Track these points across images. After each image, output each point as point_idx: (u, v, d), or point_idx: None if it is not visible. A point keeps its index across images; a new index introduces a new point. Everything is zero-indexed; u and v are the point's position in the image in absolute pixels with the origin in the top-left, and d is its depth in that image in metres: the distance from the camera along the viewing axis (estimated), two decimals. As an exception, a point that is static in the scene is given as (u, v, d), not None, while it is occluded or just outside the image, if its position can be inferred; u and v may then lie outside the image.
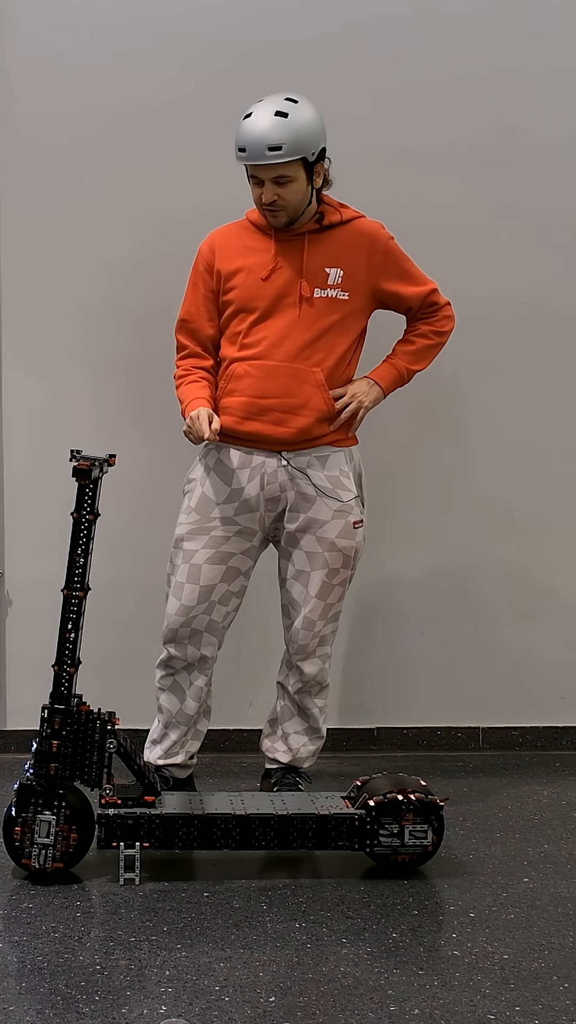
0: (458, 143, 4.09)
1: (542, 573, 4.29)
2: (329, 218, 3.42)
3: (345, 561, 3.51)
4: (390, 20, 4.02)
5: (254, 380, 3.40)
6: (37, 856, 3.07)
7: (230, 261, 3.44)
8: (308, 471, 3.45)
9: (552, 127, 4.12)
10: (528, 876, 3.21)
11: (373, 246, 3.44)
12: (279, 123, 3.24)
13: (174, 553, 3.50)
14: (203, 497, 3.46)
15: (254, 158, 3.27)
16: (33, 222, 4.01)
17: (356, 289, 3.43)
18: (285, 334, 3.39)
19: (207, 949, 2.76)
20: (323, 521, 3.46)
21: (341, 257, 3.42)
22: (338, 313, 3.42)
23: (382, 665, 4.26)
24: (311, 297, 3.39)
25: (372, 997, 2.56)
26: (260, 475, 3.44)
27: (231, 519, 3.45)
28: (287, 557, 3.53)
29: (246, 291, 3.41)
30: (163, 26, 3.98)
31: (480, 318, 4.11)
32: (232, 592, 3.50)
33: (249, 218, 3.49)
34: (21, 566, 4.11)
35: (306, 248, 3.41)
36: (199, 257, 3.51)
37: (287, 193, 3.31)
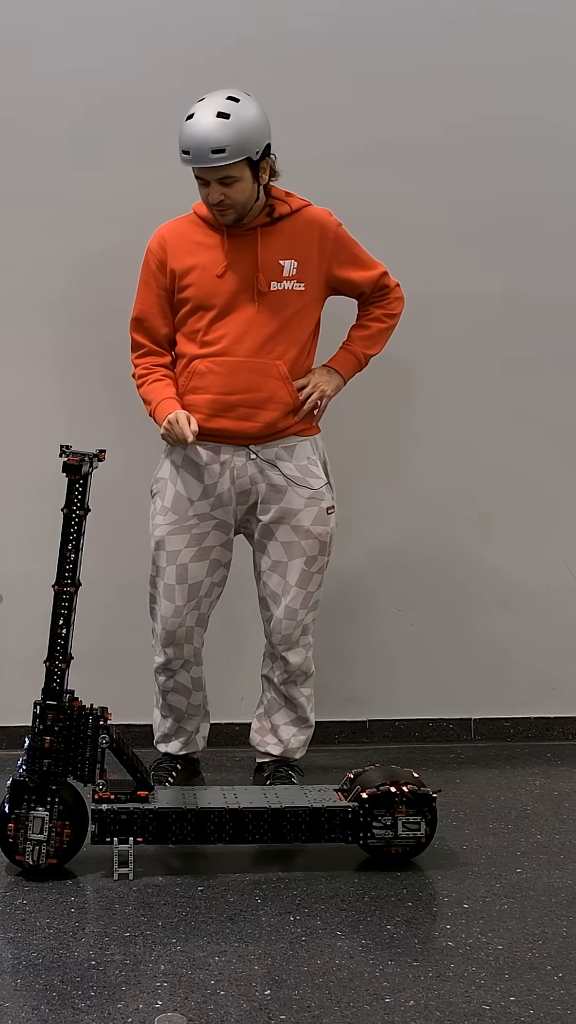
0: (438, 135, 4.09)
1: (532, 565, 4.30)
2: (279, 210, 3.44)
3: (322, 548, 3.53)
4: (371, 14, 4.02)
5: (219, 377, 3.41)
6: (31, 852, 3.07)
7: (182, 259, 3.44)
8: (277, 462, 3.47)
9: (524, 120, 4.12)
10: (521, 866, 3.22)
11: (324, 234, 3.47)
12: (221, 125, 3.24)
13: (157, 555, 3.51)
14: (177, 496, 3.47)
15: (198, 161, 3.27)
16: (4, 215, 4.00)
17: (310, 279, 3.45)
18: (245, 330, 3.41)
19: (202, 943, 2.76)
20: (296, 510, 3.48)
21: (294, 248, 3.43)
22: (295, 304, 3.44)
23: (373, 658, 4.27)
24: (268, 291, 3.40)
25: (367, 989, 2.56)
26: (230, 470, 3.46)
27: (208, 514, 3.47)
28: (262, 550, 3.54)
29: (201, 289, 3.42)
30: (144, 19, 3.97)
31: (457, 309, 4.14)
32: (215, 583, 3.55)
33: (197, 212, 3.49)
34: (11, 562, 4.11)
35: (259, 242, 3.42)
36: (149, 254, 3.50)
37: (233, 192, 3.32)
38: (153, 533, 3.52)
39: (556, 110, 4.14)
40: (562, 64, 4.13)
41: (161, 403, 3.43)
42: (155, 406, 3.45)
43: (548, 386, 4.24)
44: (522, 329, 4.20)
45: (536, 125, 4.13)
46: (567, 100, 4.14)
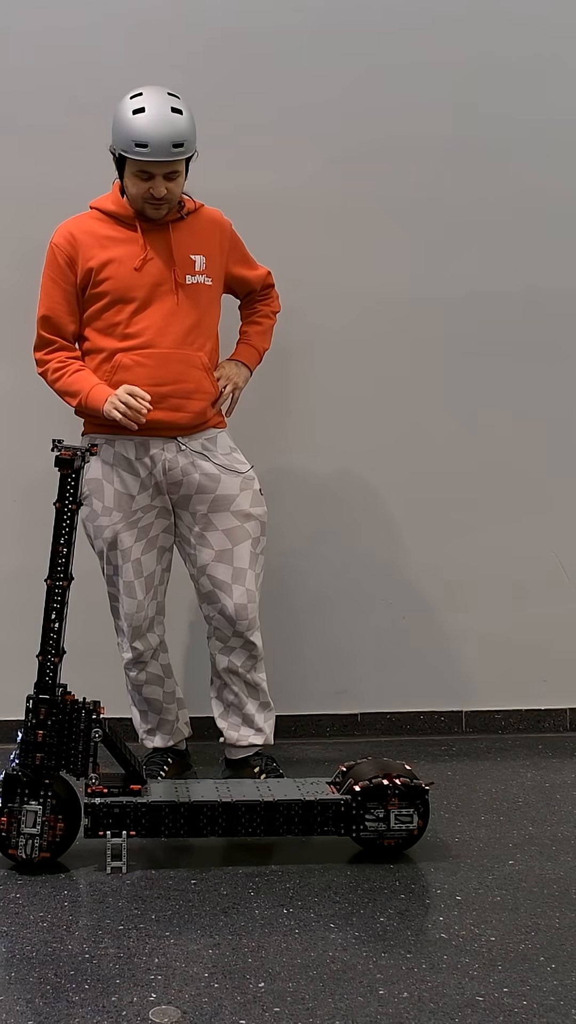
0: (431, 131, 4.09)
1: (522, 556, 4.30)
2: (187, 206, 3.50)
3: (262, 528, 3.58)
4: (361, 7, 4.02)
5: (147, 369, 3.42)
6: (24, 846, 3.07)
7: (96, 254, 3.44)
8: (205, 452, 3.51)
9: (519, 116, 4.13)
10: (513, 858, 3.23)
11: (223, 233, 3.56)
12: (178, 120, 3.30)
13: (111, 556, 3.53)
14: (117, 494, 3.49)
15: (159, 154, 3.29)
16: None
17: (215, 275, 3.53)
18: (167, 322, 3.44)
19: (196, 936, 2.77)
20: (233, 495, 3.52)
21: (201, 244, 3.50)
22: (206, 298, 3.50)
23: (364, 651, 4.27)
24: (184, 284, 3.45)
25: (361, 981, 2.57)
26: (161, 462, 3.48)
27: (150, 505, 3.52)
28: (201, 542, 3.54)
29: (120, 281, 3.42)
30: (135, 15, 3.96)
31: (451, 306, 4.13)
32: (164, 568, 3.62)
33: (102, 209, 3.48)
34: (3, 556, 4.10)
35: (172, 237, 3.45)
36: (56, 251, 3.47)
37: (174, 187, 3.38)
38: (100, 535, 3.51)
39: (552, 105, 4.14)
40: (555, 60, 4.13)
41: (94, 389, 3.41)
42: (87, 394, 3.42)
43: (535, 381, 4.24)
44: (515, 325, 4.20)
45: (530, 121, 4.13)
46: (562, 96, 4.14)
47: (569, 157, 4.17)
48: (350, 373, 4.13)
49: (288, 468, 4.16)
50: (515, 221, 4.16)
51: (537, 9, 4.11)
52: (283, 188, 3.93)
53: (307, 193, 4.00)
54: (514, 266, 4.18)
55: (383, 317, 4.11)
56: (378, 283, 4.09)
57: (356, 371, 4.06)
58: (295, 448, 4.16)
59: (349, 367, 4.14)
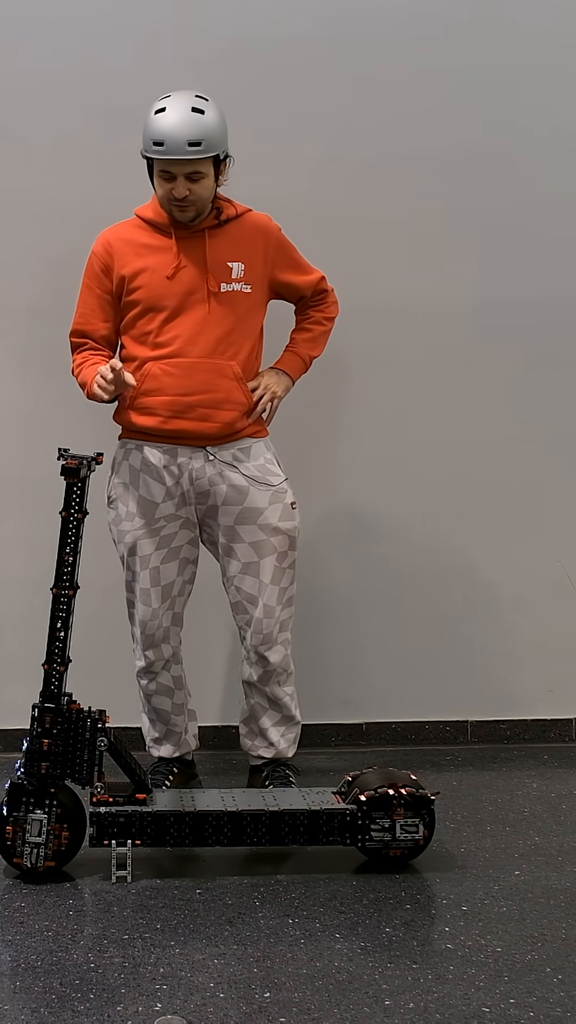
0: (439, 140, 4.09)
1: (527, 566, 4.30)
2: (226, 212, 3.47)
3: (291, 543, 3.55)
4: (368, 17, 4.03)
5: (174, 378, 3.41)
6: (29, 855, 3.07)
7: (130, 262, 3.44)
8: (235, 463, 3.48)
9: (522, 125, 4.14)
10: (519, 869, 3.23)
11: (267, 239, 3.50)
12: (198, 119, 3.28)
13: (130, 561, 3.52)
14: (141, 500, 3.48)
15: (174, 152, 3.28)
16: (7, 220, 4.00)
17: (256, 281, 3.48)
18: (198, 331, 3.42)
19: (201, 946, 2.76)
20: (261, 508, 3.49)
21: (240, 251, 3.46)
22: (243, 306, 3.46)
23: (370, 660, 4.27)
24: (218, 292, 3.42)
25: (366, 991, 2.56)
26: (188, 471, 3.47)
27: (174, 514, 3.50)
28: (229, 554, 3.54)
29: (152, 290, 3.42)
30: (142, 26, 3.97)
31: (453, 313, 4.14)
32: (186, 581, 3.59)
33: (142, 216, 3.48)
34: (9, 565, 4.10)
35: (207, 244, 3.43)
36: (94, 258, 3.49)
37: (199, 189, 3.34)
38: (122, 540, 3.52)
39: (556, 115, 4.15)
40: (559, 70, 4.14)
41: (89, 372, 3.42)
42: (88, 382, 3.42)
43: (541, 390, 4.24)
44: (518, 333, 4.20)
45: (534, 131, 4.13)
46: (565, 105, 4.15)
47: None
48: (353, 380, 4.12)
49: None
50: (526, 228, 4.17)
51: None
52: (286, 195, 3.92)
53: (309, 200, 4.00)
54: (524, 273, 4.19)
55: (388, 326, 4.11)
56: (382, 290, 4.08)
57: (362, 376, 4.05)
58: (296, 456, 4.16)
59: (351, 375, 4.14)
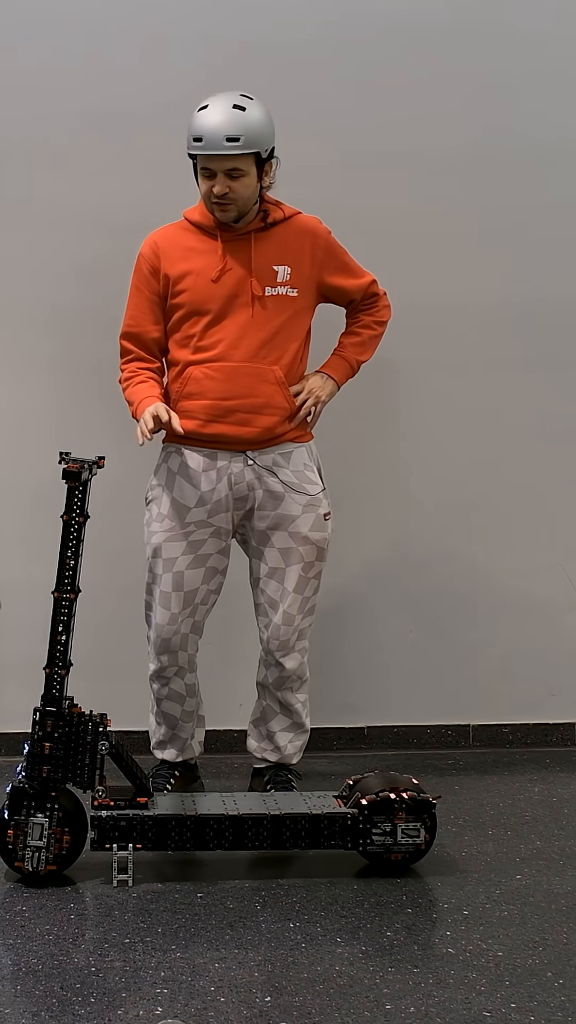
0: (441, 143, 4.10)
1: (529, 571, 4.29)
2: (273, 215, 3.45)
3: (319, 554, 3.53)
4: (373, 21, 4.03)
5: (215, 383, 3.40)
6: (30, 859, 3.06)
7: (176, 264, 3.44)
8: (275, 468, 3.47)
9: (536, 128, 4.14)
10: (521, 873, 3.22)
11: (315, 242, 3.48)
12: (238, 115, 3.28)
13: (153, 563, 3.50)
14: (174, 503, 3.47)
15: (211, 147, 3.28)
16: (32, 226, 4.01)
17: (303, 285, 3.46)
18: (241, 335, 3.40)
19: (202, 950, 2.76)
20: (294, 516, 3.48)
21: (287, 254, 3.44)
22: (289, 310, 3.44)
23: (371, 664, 4.27)
24: (263, 296, 3.41)
25: (367, 996, 2.56)
26: (227, 476, 3.45)
27: (205, 521, 3.46)
28: (258, 557, 3.54)
29: (196, 293, 3.41)
30: (145, 29, 3.98)
31: (457, 315, 4.15)
32: (211, 591, 3.54)
33: (189, 219, 3.48)
34: (11, 569, 4.10)
35: (253, 247, 3.42)
36: (141, 260, 3.49)
37: (239, 187, 3.32)
38: (149, 540, 3.51)
39: (556, 120, 4.15)
40: (560, 74, 4.14)
41: (143, 401, 3.40)
42: (136, 405, 3.43)
43: (546, 393, 4.24)
44: (523, 336, 4.20)
45: (536, 135, 4.14)
46: (566, 109, 4.15)
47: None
48: (354, 381, 4.12)
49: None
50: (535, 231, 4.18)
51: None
52: (290, 198, 3.92)
53: (312, 202, 3.99)
54: (526, 278, 4.19)
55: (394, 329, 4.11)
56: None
57: (363, 379, 4.04)
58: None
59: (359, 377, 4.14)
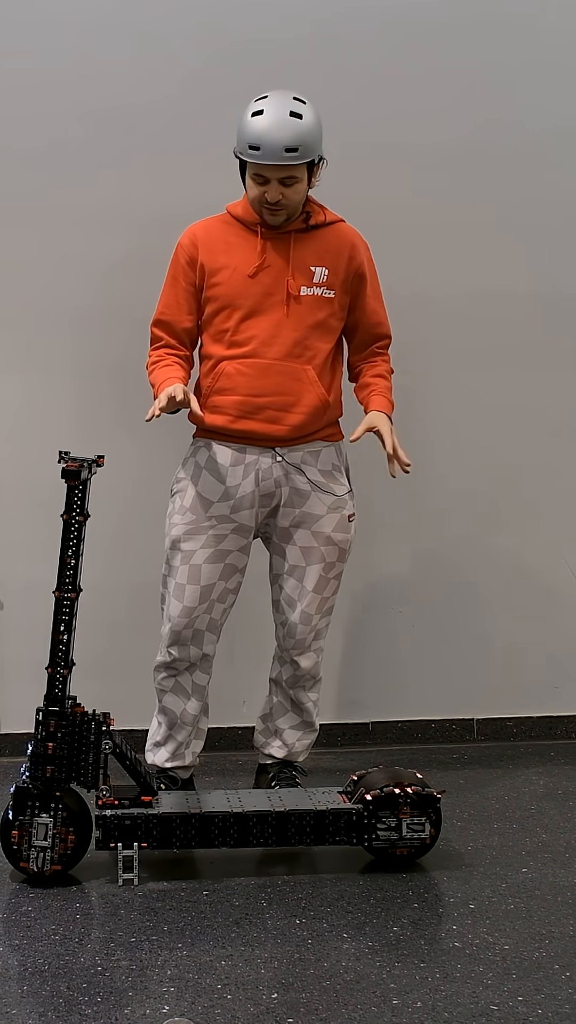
0: (441, 136, 4.09)
1: (532, 564, 4.30)
2: (315, 218, 3.43)
3: (340, 555, 3.52)
4: (370, 15, 4.03)
5: (247, 379, 3.39)
6: (35, 859, 3.06)
7: (215, 257, 3.43)
8: (302, 466, 3.45)
9: (536, 120, 4.13)
10: (526, 866, 3.22)
11: (355, 250, 3.46)
12: (295, 124, 3.24)
13: (171, 555, 3.48)
14: (197, 496, 3.45)
15: (270, 158, 3.25)
16: (15, 225, 3.99)
17: (339, 289, 3.44)
18: (275, 332, 3.39)
19: (208, 947, 2.76)
20: (318, 516, 3.46)
21: (326, 256, 3.42)
22: (324, 311, 3.42)
23: (375, 659, 4.26)
24: (298, 295, 3.39)
25: (374, 991, 2.56)
26: (255, 472, 3.43)
27: (227, 517, 3.44)
28: (280, 553, 3.53)
29: (232, 288, 3.40)
30: (143, 24, 3.97)
31: (464, 310, 4.13)
32: (230, 589, 3.50)
33: (232, 213, 3.47)
34: (12, 569, 4.10)
35: (292, 246, 3.40)
36: (180, 250, 3.48)
37: (291, 193, 3.31)
38: (169, 532, 3.49)
39: (555, 111, 4.14)
40: (557, 67, 4.13)
41: (163, 383, 3.37)
42: (157, 387, 3.40)
43: (550, 383, 4.23)
44: (529, 327, 4.20)
45: (536, 127, 4.14)
46: (566, 102, 4.14)
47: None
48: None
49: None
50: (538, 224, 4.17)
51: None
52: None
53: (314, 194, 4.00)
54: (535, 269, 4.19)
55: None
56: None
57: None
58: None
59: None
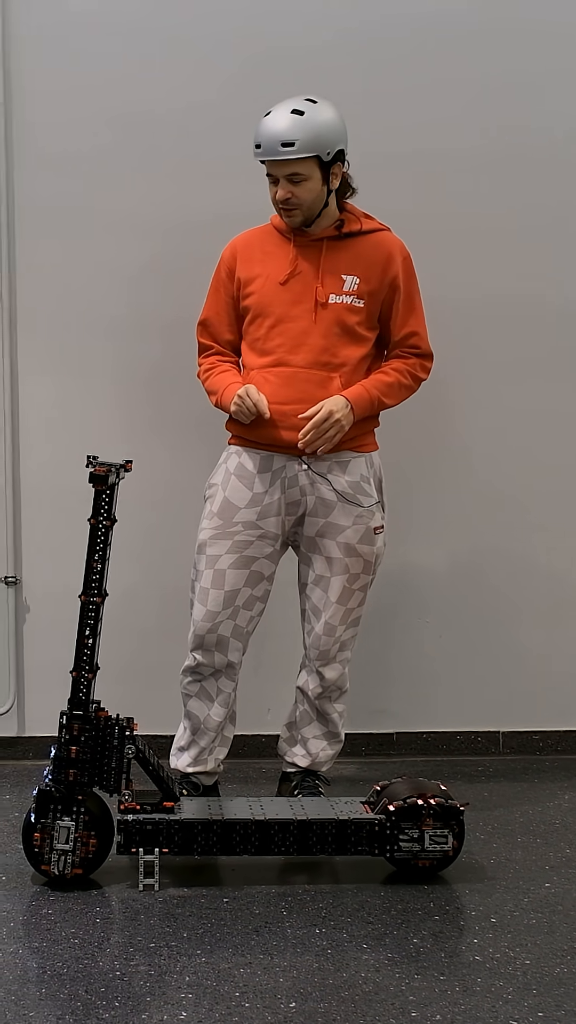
0: (466, 143, 4.08)
1: (561, 574, 4.27)
2: (349, 226, 3.42)
3: (366, 567, 3.50)
4: (396, 23, 4.02)
5: (272, 387, 3.38)
6: (56, 862, 3.07)
7: (250, 267, 3.45)
8: (329, 476, 3.44)
9: (558, 126, 4.12)
10: (550, 881, 3.19)
11: (391, 260, 3.43)
12: (294, 120, 3.27)
13: (197, 559, 3.49)
14: (225, 502, 3.45)
15: (268, 153, 3.29)
16: (49, 230, 4.01)
17: (369, 297, 3.42)
18: (301, 340, 3.39)
19: (227, 955, 2.75)
20: (343, 526, 3.45)
21: (358, 264, 3.42)
22: (353, 320, 3.41)
23: (401, 669, 4.25)
24: (326, 303, 3.39)
25: (393, 1003, 2.54)
26: (281, 479, 3.43)
27: (254, 523, 3.44)
28: (307, 563, 3.52)
29: (263, 296, 3.41)
30: (174, 31, 3.98)
31: (492, 316, 4.12)
32: (256, 597, 3.49)
33: (272, 222, 3.50)
34: (39, 572, 4.11)
35: (323, 254, 3.40)
36: (221, 262, 3.51)
37: (301, 192, 3.32)
38: (198, 536, 3.49)
39: (568, 117, 4.13)
40: (568, 73, 4.12)
41: (227, 387, 3.42)
42: (221, 393, 3.43)
43: (532, 390, 4.21)
44: (562, 335, 4.17)
45: (549, 133, 4.12)
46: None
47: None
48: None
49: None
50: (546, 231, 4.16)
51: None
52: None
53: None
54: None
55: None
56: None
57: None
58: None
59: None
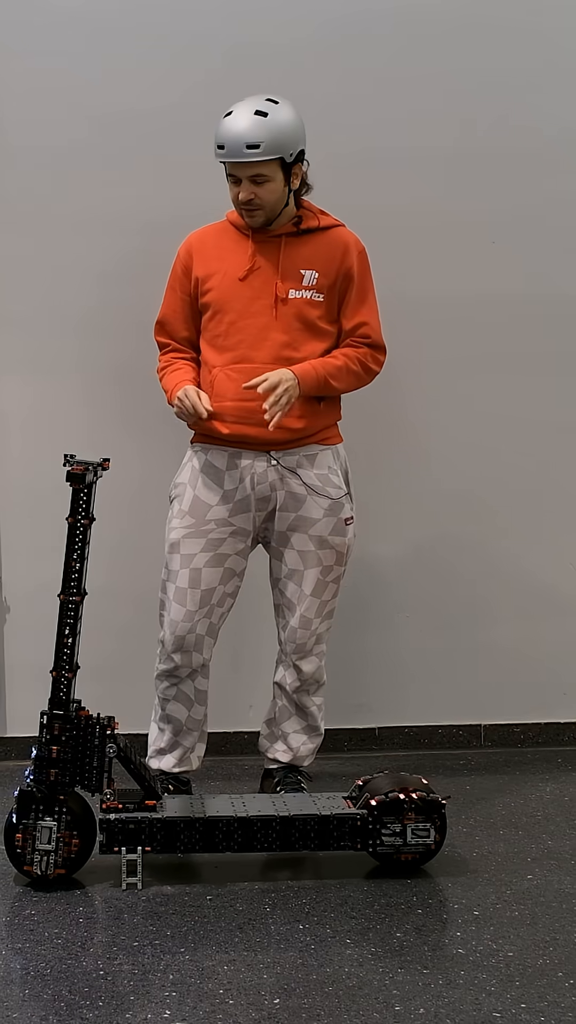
0: (447, 141, 4.09)
1: (540, 569, 4.28)
2: (307, 223, 3.44)
3: (338, 558, 3.51)
4: (374, 19, 4.03)
5: (236, 383, 3.38)
6: (39, 863, 3.06)
7: (207, 264, 3.45)
8: (298, 470, 3.45)
9: (542, 124, 4.13)
10: (532, 873, 3.21)
11: (347, 253, 3.44)
12: (258, 122, 3.26)
13: (170, 559, 3.48)
14: (196, 500, 3.45)
15: (232, 155, 3.28)
16: (20, 227, 4.00)
17: (330, 291, 3.44)
18: (262, 336, 3.39)
19: (211, 952, 2.75)
20: (314, 519, 3.46)
21: (316, 259, 3.42)
22: (313, 314, 3.42)
23: (382, 664, 4.26)
24: (286, 298, 3.39)
25: (377, 997, 2.55)
26: (250, 475, 3.44)
27: (226, 520, 3.44)
28: (279, 557, 3.52)
29: (222, 292, 3.42)
30: (150, 29, 3.98)
31: (465, 311, 4.13)
32: (228, 593, 3.50)
33: (229, 219, 3.49)
34: (18, 572, 4.11)
35: (282, 249, 3.41)
36: (177, 260, 3.51)
37: (264, 192, 3.32)
38: (168, 536, 3.49)
39: (558, 114, 4.14)
40: (565, 71, 4.13)
41: (175, 388, 3.42)
42: (170, 392, 3.45)
43: (557, 387, 4.22)
44: (534, 331, 4.18)
45: (539, 130, 4.13)
46: (568, 104, 4.14)
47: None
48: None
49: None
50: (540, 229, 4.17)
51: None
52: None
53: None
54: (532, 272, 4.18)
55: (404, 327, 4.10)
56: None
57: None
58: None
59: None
